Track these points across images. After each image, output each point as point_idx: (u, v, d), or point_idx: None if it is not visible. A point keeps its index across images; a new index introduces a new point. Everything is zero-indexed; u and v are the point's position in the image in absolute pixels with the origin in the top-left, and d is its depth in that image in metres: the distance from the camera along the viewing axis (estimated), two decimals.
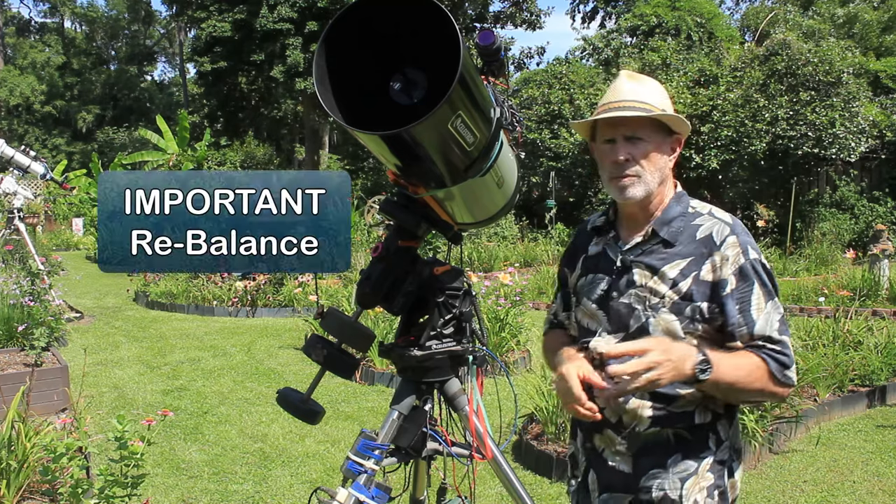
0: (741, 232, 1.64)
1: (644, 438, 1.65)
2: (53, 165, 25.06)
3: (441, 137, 1.69)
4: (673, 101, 11.97)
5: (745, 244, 1.61)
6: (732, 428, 1.70)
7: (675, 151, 1.71)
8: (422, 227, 1.96)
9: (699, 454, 1.64)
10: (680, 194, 1.73)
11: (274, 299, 9.01)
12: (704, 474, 1.64)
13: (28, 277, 6.43)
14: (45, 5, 46.43)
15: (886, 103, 16.09)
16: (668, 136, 1.68)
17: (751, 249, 1.62)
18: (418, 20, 1.67)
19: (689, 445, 1.64)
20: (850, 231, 14.50)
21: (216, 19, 22.00)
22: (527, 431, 4.26)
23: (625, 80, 1.70)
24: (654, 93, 1.68)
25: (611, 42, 23.24)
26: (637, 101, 1.64)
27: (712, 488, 1.64)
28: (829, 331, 5.56)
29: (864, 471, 4.05)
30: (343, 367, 1.93)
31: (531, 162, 16.13)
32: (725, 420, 1.68)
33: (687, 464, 1.64)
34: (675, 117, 1.66)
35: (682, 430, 1.64)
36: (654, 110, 1.63)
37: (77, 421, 3.79)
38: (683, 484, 1.63)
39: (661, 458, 1.64)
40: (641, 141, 1.64)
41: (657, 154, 1.65)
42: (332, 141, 30.68)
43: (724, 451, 1.67)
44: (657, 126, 1.65)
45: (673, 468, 1.64)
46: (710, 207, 1.71)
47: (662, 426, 1.63)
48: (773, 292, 1.61)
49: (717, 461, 1.65)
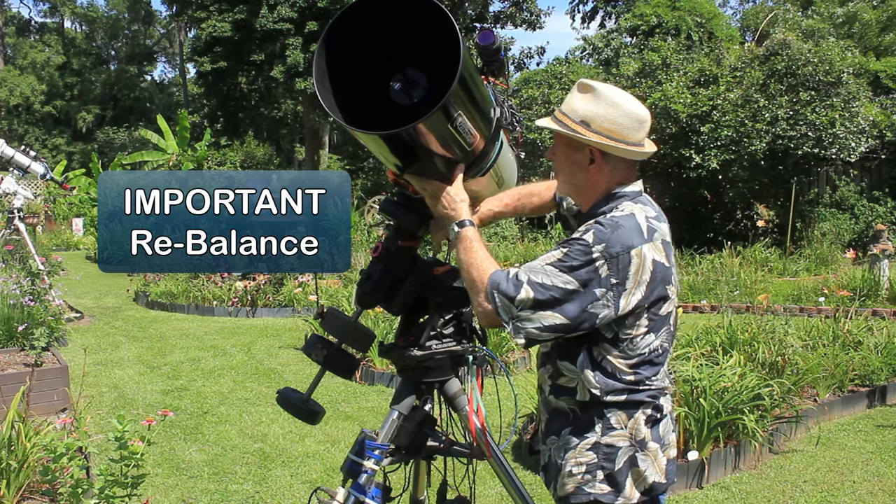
0: (606, 225, 1.68)
1: (553, 406, 1.83)
2: (53, 165, 25.06)
3: (441, 137, 1.69)
4: (673, 101, 11.85)
5: (589, 228, 1.68)
6: (631, 420, 1.75)
7: (597, 163, 1.77)
8: (422, 227, 1.96)
9: (583, 432, 1.76)
10: (617, 194, 1.77)
11: (274, 299, 9.00)
12: (584, 451, 1.76)
13: (28, 277, 6.43)
14: (45, 5, 46.45)
15: (886, 103, 16.07)
16: (582, 147, 1.76)
17: (590, 233, 1.66)
18: (418, 20, 1.67)
19: (578, 422, 1.78)
20: (850, 231, 14.49)
21: (216, 19, 21.98)
22: (527, 431, 4.26)
23: (573, 90, 1.80)
24: (587, 105, 1.75)
25: (611, 42, 23.24)
26: (561, 113, 1.78)
27: (594, 467, 1.75)
28: (829, 331, 5.56)
29: (864, 471, 4.05)
30: (343, 367, 1.94)
31: (531, 162, 16.12)
32: (619, 409, 1.74)
33: (571, 438, 1.78)
34: (568, 134, 1.74)
35: (574, 406, 1.78)
36: (567, 122, 1.75)
37: (77, 421, 3.78)
38: (566, 454, 1.78)
39: (557, 427, 1.81)
40: (556, 147, 1.83)
41: (565, 162, 1.80)
42: (332, 141, 30.67)
43: (615, 438, 1.74)
44: (567, 138, 1.77)
45: (562, 438, 1.80)
46: (624, 214, 1.72)
47: (556, 396, 1.81)
48: (562, 262, 1.65)
49: (600, 443, 1.74)
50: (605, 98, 1.75)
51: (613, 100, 1.75)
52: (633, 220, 1.70)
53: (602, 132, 1.72)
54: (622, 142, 1.73)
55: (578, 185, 1.81)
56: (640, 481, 1.75)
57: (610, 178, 1.77)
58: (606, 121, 1.73)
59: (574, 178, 1.80)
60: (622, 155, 1.76)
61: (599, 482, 1.74)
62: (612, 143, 1.73)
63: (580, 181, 1.79)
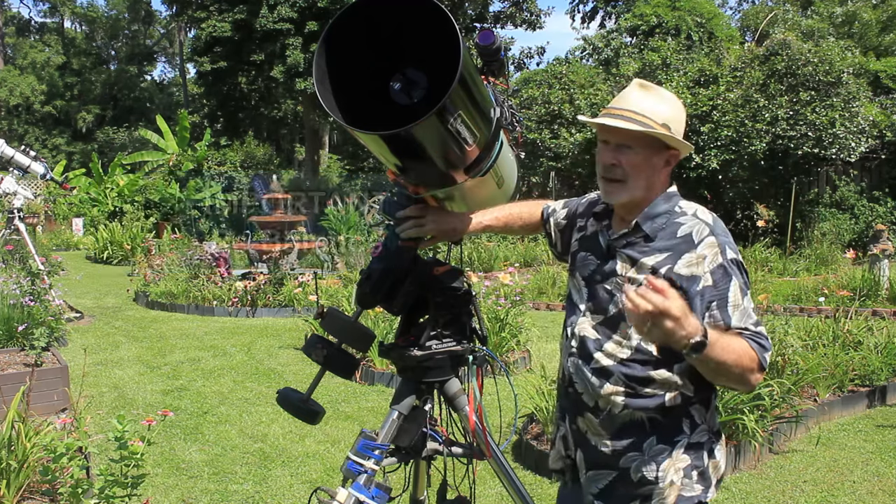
0: (720, 233, 1.69)
1: (620, 421, 1.73)
2: (53, 165, 25.04)
3: (441, 137, 1.69)
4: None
5: (723, 244, 1.67)
6: (709, 412, 1.77)
7: (670, 164, 1.77)
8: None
9: (673, 437, 1.71)
10: (670, 194, 1.78)
11: (274, 299, 9.00)
12: (680, 456, 1.71)
13: (28, 277, 6.42)
14: (45, 5, 46.42)
15: (886, 103, 16.07)
16: (663, 151, 1.73)
17: (728, 249, 1.67)
18: (418, 20, 1.67)
19: (663, 428, 1.71)
20: (850, 231, 14.49)
21: (216, 19, 21.97)
22: (527, 431, 4.26)
23: (634, 88, 1.75)
24: (661, 106, 1.72)
25: (611, 42, 23.24)
26: (636, 113, 1.69)
27: (689, 469, 1.72)
28: (829, 331, 5.56)
29: (864, 471, 4.05)
30: (343, 367, 1.93)
31: (531, 162, 16.12)
32: (700, 405, 1.74)
33: (662, 446, 1.71)
34: (667, 136, 1.70)
35: (654, 414, 1.71)
36: (653, 125, 1.68)
37: (77, 421, 3.78)
38: (660, 465, 1.70)
39: (637, 441, 1.72)
40: (631, 150, 1.71)
41: (645, 165, 1.72)
42: (332, 141, 30.69)
43: (700, 434, 1.74)
44: (650, 139, 1.70)
45: (648, 450, 1.71)
46: (696, 208, 1.76)
47: (635, 409, 1.71)
48: (746, 289, 1.66)
49: (692, 443, 1.72)
50: (671, 100, 1.76)
51: (677, 100, 1.77)
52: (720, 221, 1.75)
53: (678, 134, 1.73)
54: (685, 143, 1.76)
55: (651, 187, 1.75)
56: (717, 470, 1.77)
57: (667, 178, 1.80)
58: (680, 123, 1.75)
59: (650, 181, 1.74)
60: (685, 155, 1.79)
61: (695, 482, 1.72)
62: (688, 144, 1.75)
63: (654, 183, 1.75)
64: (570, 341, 1.84)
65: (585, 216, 1.95)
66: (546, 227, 2.09)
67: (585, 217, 1.94)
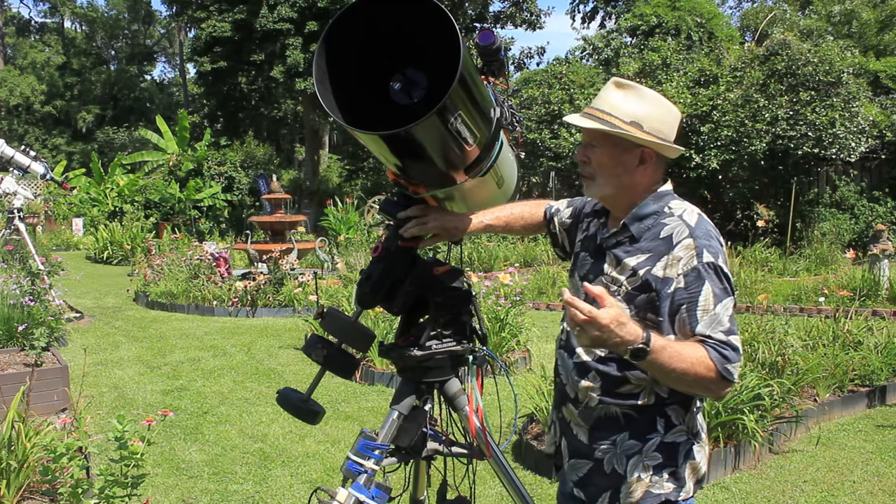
0: (700, 236, 1.66)
1: (596, 415, 1.77)
2: (53, 165, 25.06)
3: (441, 137, 1.68)
4: (673, 101, 11.91)
5: (701, 247, 1.64)
6: (689, 414, 1.77)
7: (647, 163, 1.75)
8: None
9: (646, 435, 1.73)
10: (661, 193, 1.77)
11: (274, 299, 9.00)
12: (650, 454, 1.73)
13: (28, 277, 6.43)
14: (45, 5, 46.44)
15: (886, 103, 16.07)
16: (633, 149, 1.72)
17: (706, 253, 1.63)
18: (418, 20, 1.67)
19: (637, 425, 1.73)
20: (850, 231, 14.49)
21: (216, 19, 21.97)
22: (527, 431, 4.26)
23: (610, 87, 1.76)
24: (633, 104, 1.71)
25: (611, 42, 23.23)
26: (603, 112, 1.71)
27: (660, 468, 1.73)
28: (829, 331, 5.56)
29: (864, 471, 4.05)
30: (343, 367, 1.93)
31: (531, 162, 16.12)
32: (678, 405, 1.74)
33: (633, 442, 1.73)
34: (626, 134, 1.69)
35: (629, 411, 1.73)
36: (617, 123, 1.69)
37: (77, 421, 3.78)
38: (629, 460, 1.73)
39: (611, 434, 1.75)
40: (596, 148, 1.75)
41: (612, 163, 1.73)
42: (332, 141, 30.68)
43: (676, 434, 1.74)
44: (615, 137, 1.71)
45: (620, 445, 1.74)
46: (684, 209, 1.74)
47: (609, 404, 1.74)
48: (723, 295, 1.62)
49: (666, 443, 1.73)
50: (651, 97, 1.74)
51: (659, 99, 1.75)
52: (709, 222, 1.72)
53: (653, 132, 1.71)
54: (668, 141, 1.74)
55: (624, 186, 1.75)
56: (695, 472, 1.78)
57: (653, 177, 1.77)
58: (657, 121, 1.72)
59: (620, 180, 1.74)
60: (670, 154, 1.76)
61: (666, 481, 1.73)
62: (664, 143, 1.72)
63: (626, 182, 1.75)
64: (561, 334, 1.90)
65: (591, 216, 1.95)
66: (550, 227, 2.09)
67: (591, 217, 1.95)
